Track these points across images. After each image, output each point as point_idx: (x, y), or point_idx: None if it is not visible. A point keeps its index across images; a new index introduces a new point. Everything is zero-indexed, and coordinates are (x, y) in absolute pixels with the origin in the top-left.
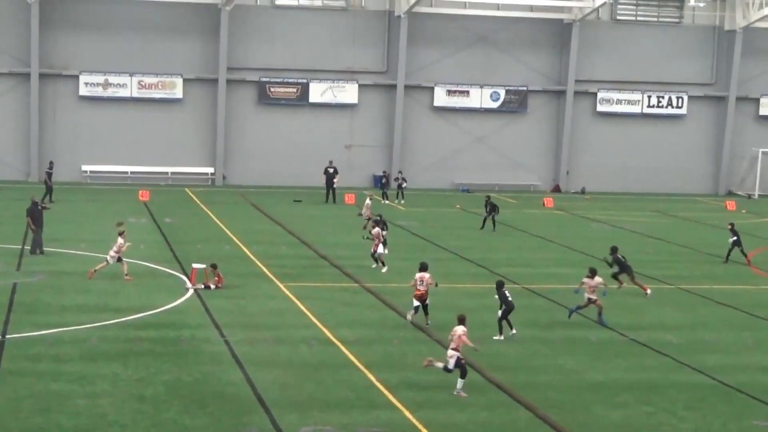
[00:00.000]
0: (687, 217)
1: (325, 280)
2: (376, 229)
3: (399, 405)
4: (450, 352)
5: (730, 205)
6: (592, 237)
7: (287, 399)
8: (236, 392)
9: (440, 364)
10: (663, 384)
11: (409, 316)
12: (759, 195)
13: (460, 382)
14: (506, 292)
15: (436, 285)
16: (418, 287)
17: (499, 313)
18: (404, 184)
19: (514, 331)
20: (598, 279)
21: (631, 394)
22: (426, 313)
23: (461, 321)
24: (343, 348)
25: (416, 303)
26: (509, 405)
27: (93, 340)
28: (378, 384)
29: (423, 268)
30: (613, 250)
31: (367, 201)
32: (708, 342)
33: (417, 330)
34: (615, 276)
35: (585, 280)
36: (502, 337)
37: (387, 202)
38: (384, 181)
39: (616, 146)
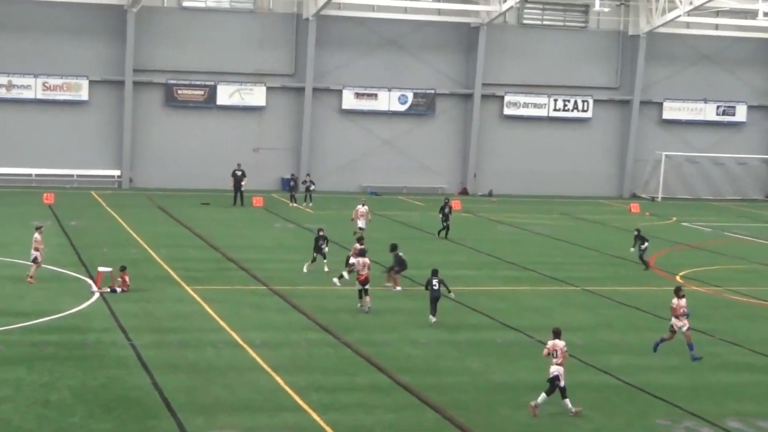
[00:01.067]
0: (592, 220)
1: (233, 282)
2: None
3: (306, 407)
4: (553, 368)
5: (635, 207)
6: (499, 239)
7: (194, 402)
8: (142, 396)
9: (541, 398)
10: (568, 384)
11: (359, 305)
12: (662, 197)
13: (567, 402)
14: (434, 280)
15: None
16: (361, 272)
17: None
18: (312, 187)
19: (431, 320)
20: (681, 301)
21: (537, 394)
22: (367, 294)
23: (558, 335)
24: (250, 351)
25: (359, 287)
26: (416, 407)
27: None
28: (285, 387)
29: (362, 253)
30: (393, 248)
31: (359, 207)
32: (612, 343)
33: (324, 332)
34: (389, 270)
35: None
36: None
37: (295, 205)
38: (292, 184)
39: (522, 149)
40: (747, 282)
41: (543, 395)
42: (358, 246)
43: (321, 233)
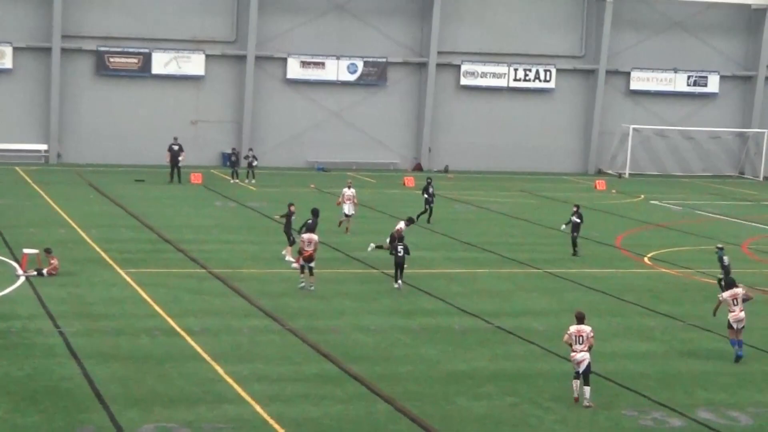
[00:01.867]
0: (555, 198)
1: (170, 265)
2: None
3: (249, 399)
4: (581, 355)
5: (600, 184)
6: (456, 218)
7: (127, 394)
8: (72, 387)
9: (587, 392)
10: (529, 373)
11: (300, 284)
12: (630, 174)
13: (587, 390)
14: (399, 246)
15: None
16: (306, 248)
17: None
18: (255, 163)
19: (396, 285)
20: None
21: (496, 384)
22: (311, 273)
23: (582, 319)
24: (188, 339)
25: (302, 263)
26: (367, 398)
27: None
28: (226, 377)
29: (310, 229)
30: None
31: (346, 190)
32: None
33: (268, 318)
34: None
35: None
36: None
37: (236, 181)
38: (233, 159)
39: (481, 122)
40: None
41: (587, 389)
42: (403, 225)
43: (292, 208)
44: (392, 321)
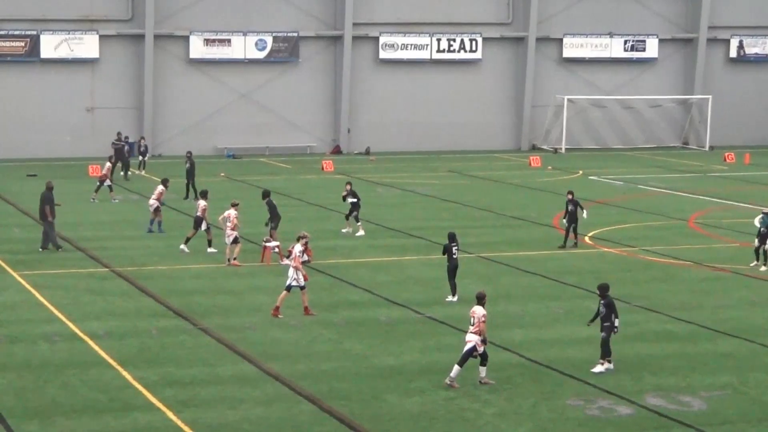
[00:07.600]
0: (486, 177)
1: (68, 266)
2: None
3: (160, 405)
4: (467, 336)
5: (535, 161)
6: (379, 203)
7: (26, 406)
8: None
9: (455, 371)
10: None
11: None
12: (566, 149)
13: (482, 370)
14: (453, 247)
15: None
16: None
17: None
18: (148, 154)
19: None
20: None
21: (428, 378)
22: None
23: (480, 299)
24: (91, 343)
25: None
26: (289, 398)
27: None
28: (134, 382)
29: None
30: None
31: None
32: (513, 315)
33: (177, 317)
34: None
35: None
36: (455, 298)
37: (130, 173)
38: (126, 148)
39: (403, 98)
40: (664, 240)
41: (456, 367)
42: None
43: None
44: (313, 315)
